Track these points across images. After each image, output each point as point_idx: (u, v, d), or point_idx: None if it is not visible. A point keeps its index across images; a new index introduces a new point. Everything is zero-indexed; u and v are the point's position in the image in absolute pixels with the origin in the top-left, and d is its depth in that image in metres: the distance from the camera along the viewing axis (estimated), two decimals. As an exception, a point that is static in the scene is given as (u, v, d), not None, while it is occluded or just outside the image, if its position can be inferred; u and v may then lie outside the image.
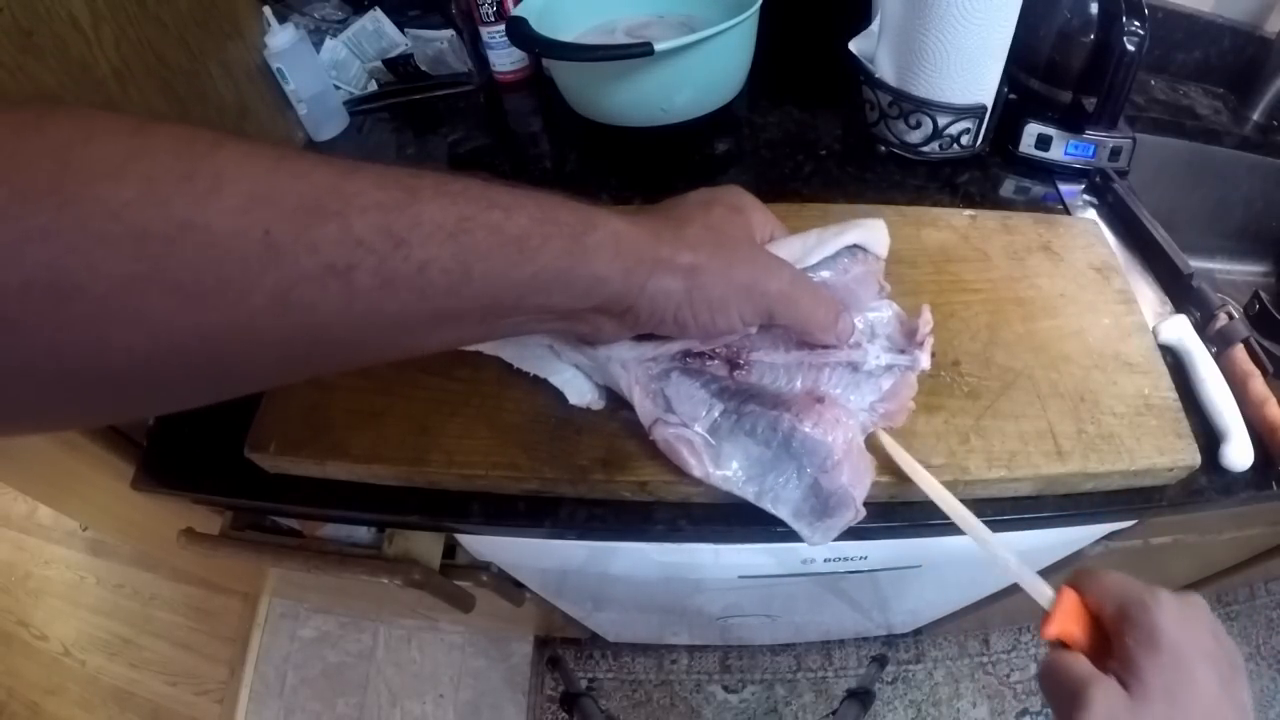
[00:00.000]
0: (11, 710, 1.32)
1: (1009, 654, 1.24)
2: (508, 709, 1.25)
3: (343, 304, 0.24)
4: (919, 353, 0.41)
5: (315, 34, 0.74)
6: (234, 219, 0.21)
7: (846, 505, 0.39)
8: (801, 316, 0.37)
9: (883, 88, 0.62)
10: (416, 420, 0.44)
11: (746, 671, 1.25)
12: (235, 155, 0.22)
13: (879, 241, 0.44)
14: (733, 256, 0.34)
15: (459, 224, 0.26)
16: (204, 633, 1.36)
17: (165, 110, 0.58)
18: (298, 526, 0.59)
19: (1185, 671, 0.30)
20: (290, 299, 0.22)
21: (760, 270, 0.35)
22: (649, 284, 0.32)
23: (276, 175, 0.22)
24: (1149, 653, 0.31)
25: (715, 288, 0.33)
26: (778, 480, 0.39)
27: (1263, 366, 0.48)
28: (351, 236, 0.23)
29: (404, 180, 0.25)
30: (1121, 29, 0.54)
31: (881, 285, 0.44)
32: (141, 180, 0.20)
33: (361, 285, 0.24)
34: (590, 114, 0.68)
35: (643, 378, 0.40)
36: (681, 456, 0.39)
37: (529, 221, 0.28)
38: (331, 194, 0.23)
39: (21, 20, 0.45)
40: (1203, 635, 0.32)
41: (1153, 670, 0.30)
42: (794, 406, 0.38)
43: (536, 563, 0.64)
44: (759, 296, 0.35)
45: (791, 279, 0.36)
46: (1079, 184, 0.63)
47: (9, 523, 1.51)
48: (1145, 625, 0.31)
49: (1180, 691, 0.30)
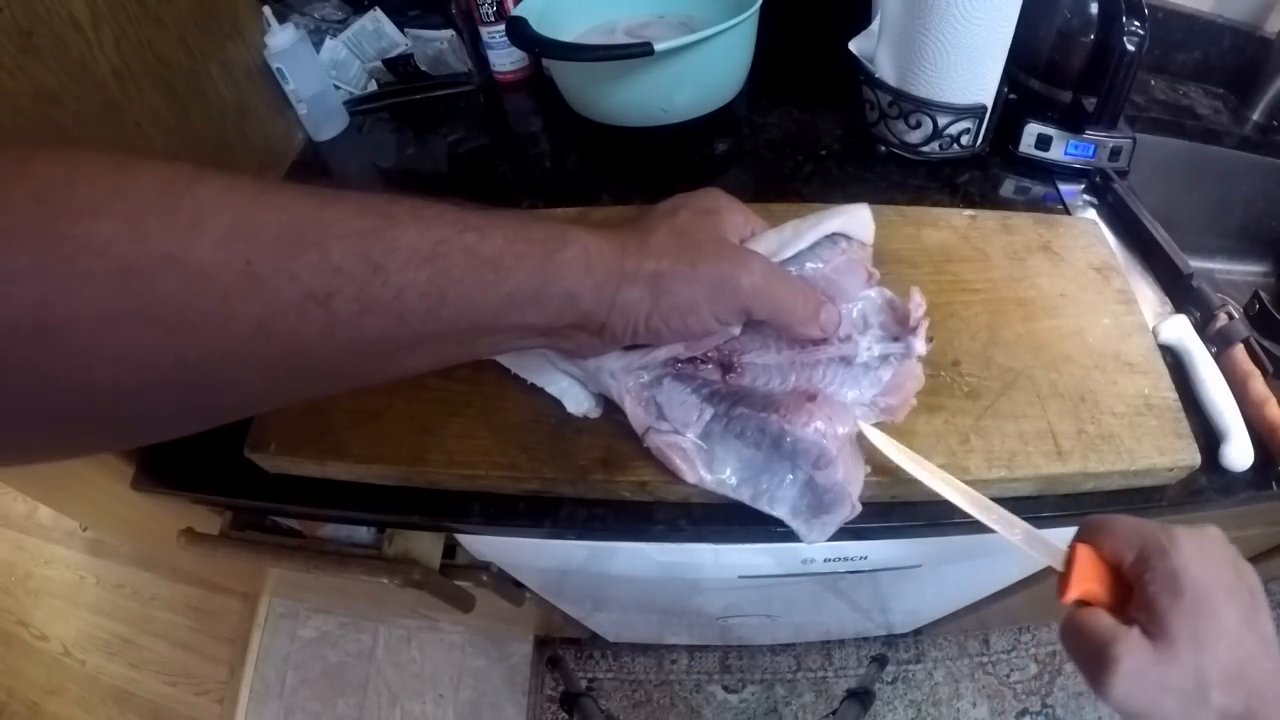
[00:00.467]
0: (11, 710, 1.32)
1: (1009, 654, 1.24)
2: (508, 709, 1.25)
3: (324, 331, 0.24)
4: (913, 339, 0.40)
5: (315, 34, 0.74)
6: (215, 251, 0.22)
7: (842, 502, 0.38)
8: (779, 309, 0.36)
9: (883, 88, 0.62)
10: (416, 420, 0.44)
11: (746, 671, 1.25)
12: (215, 189, 0.22)
13: (862, 227, 0.42)
14: (697, 257, 0.34)
15: (434, 248, 0.26)
16: (204, 633, 1.36)
17: (165, 110, 0.58)
18: (298, 526, 0.59)
19: (1208, 612, 0.30)
20: (272, 327, 0.23)
21: (728, 266, 0.34)
22: (617, 298, 0.32)
23: (256, 207, 0.23)
24: (1171, 598, 0.31)
25: (682, 292, 0.33)
26: (772, 481, 0.39)
27: (1263, 366, 0.48)
28: (330, 264, 0.24)
29: (382, 207, 0.26)
30: (1121, 29, 0.54)
31: (870, 272, 0.42)
32: (123, 217, 0.20)
33: (341, 312, 0.24)
34: (590, 114, 0.68)
35: (633, 387, 0.40)
36: (674, 464, 0.39)
37: (503, 241, 0.28)
38: (310, 223, 0.24)
39: (21, 20, 0.45)
40: (1223, 570, 0.32)
41: (1176, 616, 0.30)
42: (783, 407, 0.37)
43: (536, 563, 0.64)
44: (730, 294, 0.34)
45: (764, 272, 0.35)
46: (1079, 184, 0.63)
47: (9, 523, 1.51)
48: (1165, 571, 0.31)
49: (1205, 633, 0.30)
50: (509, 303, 0.29)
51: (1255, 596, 0.32)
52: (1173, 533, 0.32)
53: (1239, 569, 0.33)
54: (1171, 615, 0.30)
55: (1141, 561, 0.32)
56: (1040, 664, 1.23)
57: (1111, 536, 0.34)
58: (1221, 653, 0.30)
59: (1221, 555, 0.33)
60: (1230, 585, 0.32)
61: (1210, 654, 0.30)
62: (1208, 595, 0.31)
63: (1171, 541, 0.32)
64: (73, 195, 0.20)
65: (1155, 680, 0.30)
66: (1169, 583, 0.31)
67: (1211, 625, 0.30)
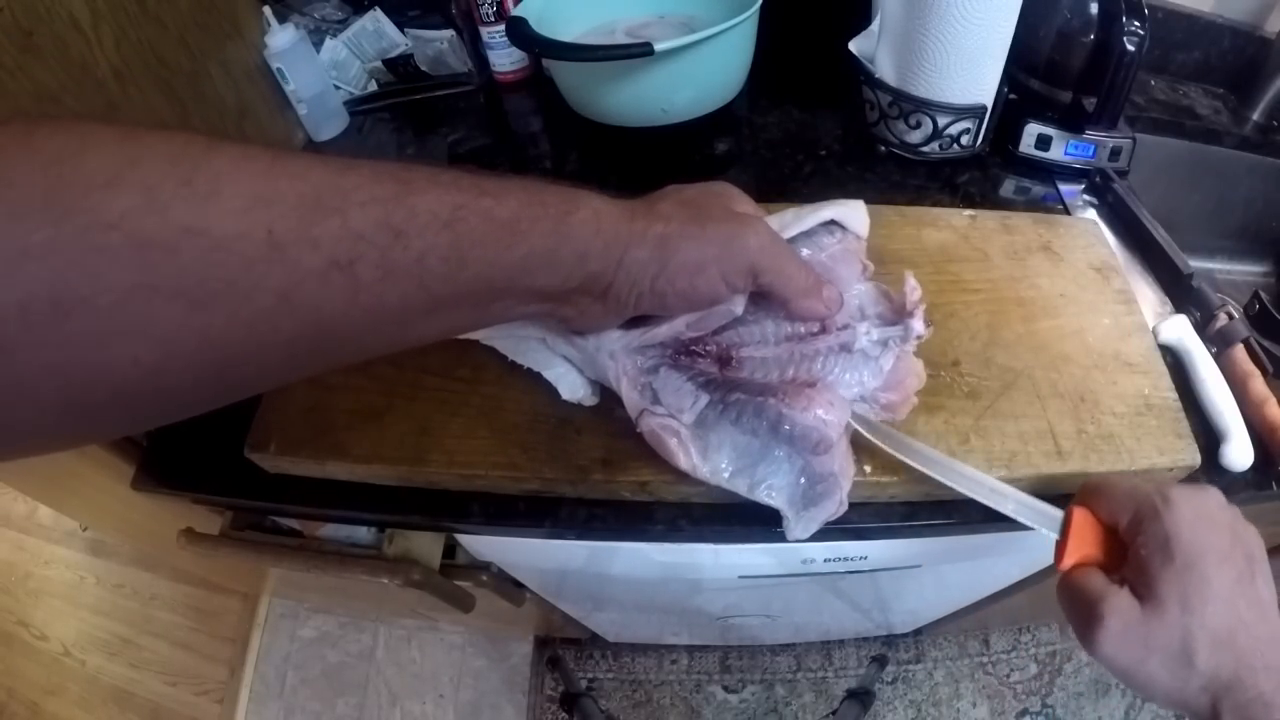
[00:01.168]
0: (11, 710, 1.32)
1: (1009, 654, 1.24)
2: (508, 709, 1.25)
3: (347, 298, 0.24)
4: (911, 320, 0.40)
5: (315, 34, 0.74)
6: (236, 221, 0.21)
7: (832, 495, 0.38)
8: (785, 273, 0.36)
9: (883, 88, 0.62)
10: (417, 420, 0.44)
11: (746, 671, 1.25)
12: (232, 158, 0.22)
13: (857, 220, 0.44)
14: (706, 219, 0.34)
15: (453, 212, 0.26)
16: (204, 633, 1.36)
17: (165, 110, 0.58)
18: (298, 526, 0.59)
19: (1198, 576, 0.30)
20: (295, 297, 0.23)
21: (737, 226, 0.35)
22: (625, 257, 0.32)
23: (274, 175, 0.23)
24: (1162, 561, 0.31)
25: (691, 251, 0.34)
26: (768, 470, 0.39)
27: (1263, 366, 0.48)
28: (352, 231, 0.24)
29: (398, 174, 0.26)
30: (1121, 29, 0.54)
31: (865, 265, 0.44)
32: (139, 188, 0.20)
33: (364, 278, 0.24)
34: (590, 114, 0.68)
35: (630, 370, 0.39)
36: (668, 448, 0.38)
37: (518, 205, 0.29)
38: (330, 190, 0.24)
39: (21, 20, 0.45)
40: (1217, 534, 0.32)
41: (1166, 579, 0.31)
42: (781, 392, 0.37)
43: (536, 563, 0.64)
44: (739, 252, 0.35)
45: (771, 235, 0.36)
46: (1079, 184, 0.63)
47: (9, 523, 1.51)
48: (1158, 533, 0.31)
49: (1194, 596, 0.30)
50: (524, 264, 0.29)
51: (1252, 562, 0.32)
52: (1168, 495, 0.32)
53: (1237, 532, 0.32)
54: (1161, 578, 0.31)
55: (1136, 524, 0.32)
56: (1040, 664, 1.23)
57: (1108, 499, 0.34)
58: (1210, 617, 0.30)
59: (1218, 519, 0.32)
60: (1223, 550, 0.31)
61: (1198, 618, 0.30)
62: (1198, 559, 0.31)
63: (1166, 503, 0.32)
64: (83, 166, 0.19)
65: (1141, 639, 0.31)
66: (1160, 546, 0.31)
67: (1201, 590, 0.30)
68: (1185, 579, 0.30)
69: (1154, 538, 0.31)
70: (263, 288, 0.22)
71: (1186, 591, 0.30)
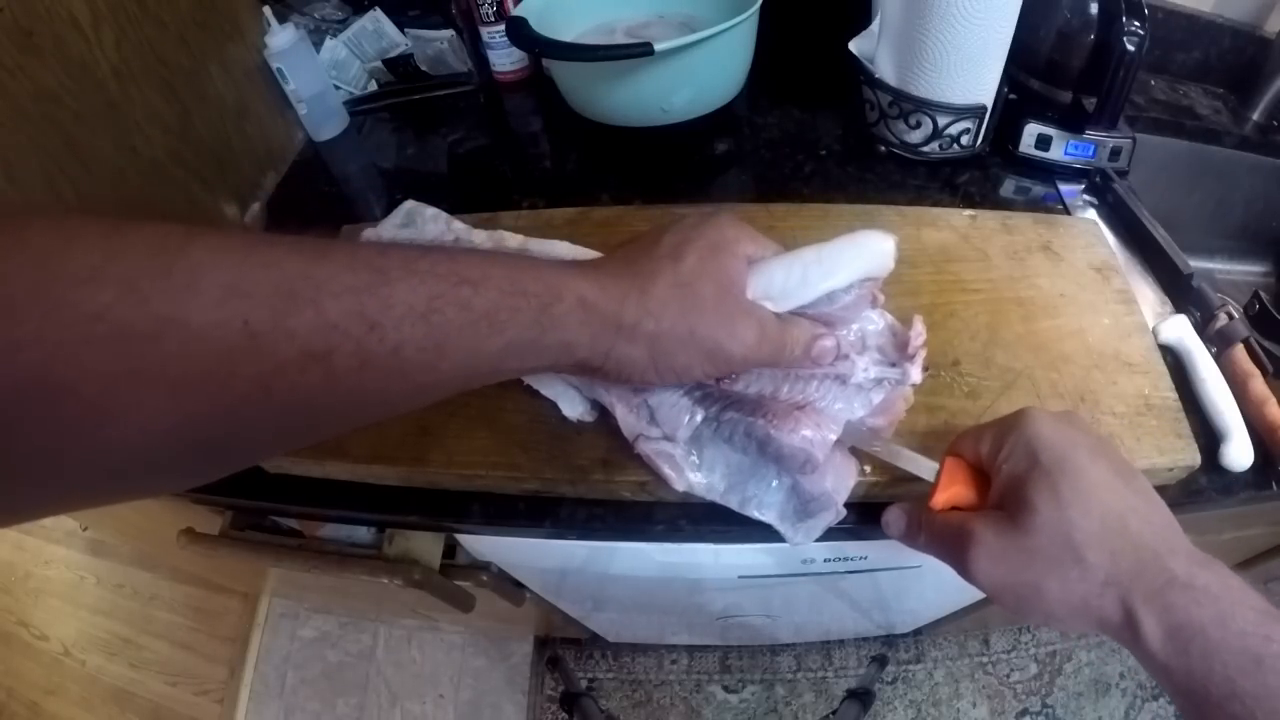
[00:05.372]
0: (11, 710, 1.32)
1: (1009, 654, 1.24)
2: (508, 709, 1.25)
3: (325, 386, 0.24)
4: (909, 366, 0.40)
5: (315, 34, 0.74)
6: (213, 312, 0.22)
7: (827, 508, 0.38)
8: (770, 362, 0.37)
9: (883, 88, 0.62)
10: (416, 420, 0.44)
11: (746, 671, 1.25)
12: (208, 248, 0.23)
13: (883, 266, 0.38)
14: (698, 320, 0.33)
15: (429, 304, 0.26)
16: (204, 633, 1.36)
17: (165, 110, 0.58)
18: (298, 526, 0.59)
19: (1070, 469, 0.29)
20: (275, 385, 0.23)
21: (724, 334, 0.34)
22: (613, 351, 0.32)
23: (249, 265, 0.23)
24: (1028, 465, 0.30)
25: (678, 354, 0.34)
26: (759, 487, 0.39)
27: (1263, 366, 0.48)
28: (326, 322, 0.24)
29: (372, 261, 0.26)
30: (1121, 29, 0.54)
31: (876, 296, 0.41)
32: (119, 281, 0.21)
33: (340, 368, 0.24)
34: (590, 114, 0.68)
35: (624, 393, 0.40)
36: (664, 471, 0.39)
37: (497, 295, 0.28)
38: (303, 281, 0.24)
39: (21, 20, 0.45)
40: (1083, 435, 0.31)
41: (1035, 480, 0.29)
42: (770, 412, 0.37)
43: (536, 563, 0.64)
44: (722, 361, 0.35)
45: (757, 338, 0.35)
46: (1079, 184, 0.63)
47: (9, 523, 1.51)
48: (1019, 441, 0.31)
49: (1068, 490, 0.29)
50: (505, 352, 0.29)
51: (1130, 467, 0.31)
52: (1026, 410, 0.32)
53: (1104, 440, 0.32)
54: (1030, 480, 0.29)
55: (998, 446, 0.32)
56: (1040, 664, 1.23)
57: (973, 438, 0.34)
58: (1093, 506, 0.28)
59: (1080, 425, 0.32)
60: (1092, 445, 0.30)
61: (1078, 509, 0.28)
62: (1068, 452, 0.30)
63: (1025, 415, 0.32)
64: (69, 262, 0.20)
65: (1017, 548, 0.29)
66: (1024, 451, 0.30)
67: (1075, 481, 0.29)
68: (1055, 475, 0.29)
69: (1017, 448, 0.31)
70: (241, 375, 0.22)
71: (1059, 486, 0.29)
